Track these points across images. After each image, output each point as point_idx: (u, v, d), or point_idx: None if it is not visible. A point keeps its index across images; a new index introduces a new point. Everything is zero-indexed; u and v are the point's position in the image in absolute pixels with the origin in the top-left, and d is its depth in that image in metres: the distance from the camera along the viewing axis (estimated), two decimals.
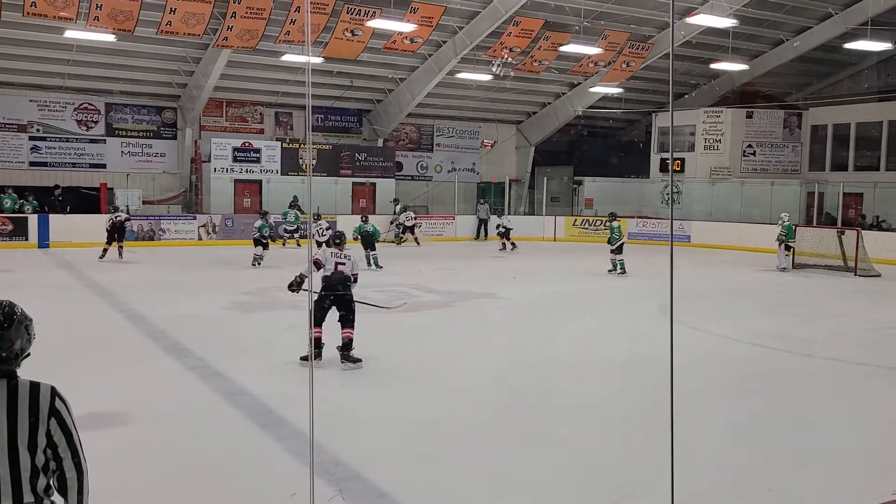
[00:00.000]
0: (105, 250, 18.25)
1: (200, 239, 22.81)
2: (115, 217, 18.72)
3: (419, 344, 10.12)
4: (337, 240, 9.14)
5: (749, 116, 28.09)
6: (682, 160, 28.16)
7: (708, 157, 27.87)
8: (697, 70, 27.56)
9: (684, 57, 25.58)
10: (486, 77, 25.33)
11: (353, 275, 8.73)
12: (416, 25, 21.29)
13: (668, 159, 28.82)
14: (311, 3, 19.65)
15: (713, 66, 25.77)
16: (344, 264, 8.70)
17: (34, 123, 24.21)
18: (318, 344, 8.25)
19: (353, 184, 26.77)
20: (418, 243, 24.16)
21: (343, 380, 7.70)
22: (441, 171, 30.91)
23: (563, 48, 23.94)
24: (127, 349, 9.33)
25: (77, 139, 24.84)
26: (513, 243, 23.11)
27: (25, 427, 2.48)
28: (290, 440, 6.02)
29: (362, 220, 19.84)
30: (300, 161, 25.86)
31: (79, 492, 2.57)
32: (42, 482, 2.52)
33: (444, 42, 24.17)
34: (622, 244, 17.79)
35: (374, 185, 27.36)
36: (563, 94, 29.64)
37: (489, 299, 13.82)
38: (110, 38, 20.27)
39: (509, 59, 23.90)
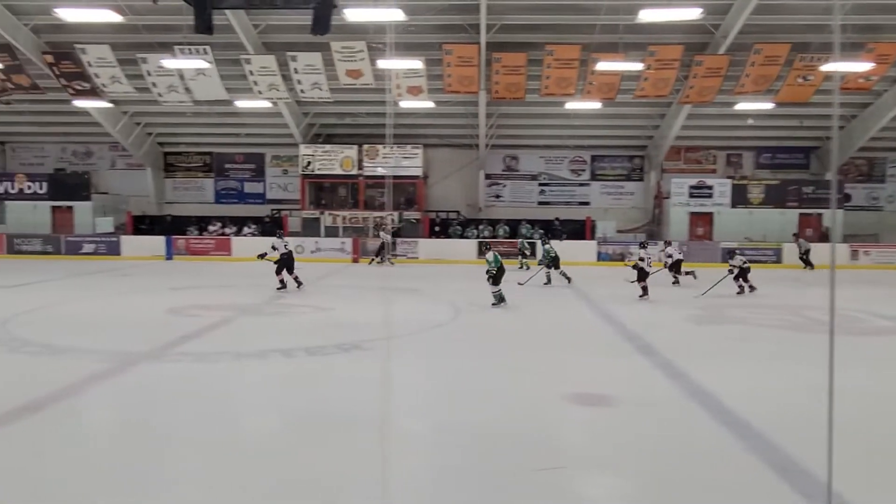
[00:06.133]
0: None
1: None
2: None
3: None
4: (279, 231, 16.80)
5: None
6: None
7: None
8: None
9: None
10: None
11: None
12: (872, 64, 18.28)
13: None
14: (765, 56, 18.21)
15: None
16: (287, 244, 14.51)
17: (542, 173, 26.70)
18: (285, 283, 14.10)
19: (800, 214, 23.92)
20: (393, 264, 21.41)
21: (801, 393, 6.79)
22: (893, 201, 25.91)
23: None
24: (605, 345, 9.59)
25: (570, 183, 26.68)
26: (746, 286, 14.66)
27: None
28: (750, 440, 5.50)
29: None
30: (748, 195, 24.04)
31: None
32: None
33: None
34: None
35: (820, 215, 24.10)
36: None
37: None
38: (597, 105, 21.41)
39: None
